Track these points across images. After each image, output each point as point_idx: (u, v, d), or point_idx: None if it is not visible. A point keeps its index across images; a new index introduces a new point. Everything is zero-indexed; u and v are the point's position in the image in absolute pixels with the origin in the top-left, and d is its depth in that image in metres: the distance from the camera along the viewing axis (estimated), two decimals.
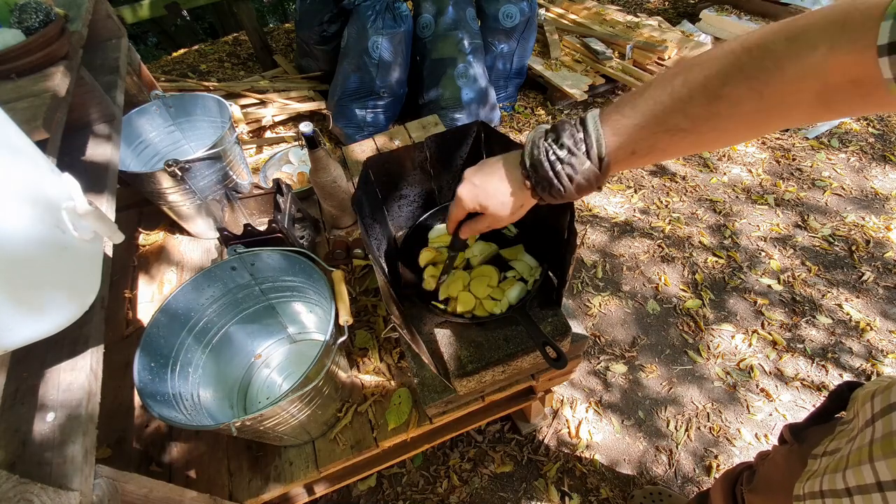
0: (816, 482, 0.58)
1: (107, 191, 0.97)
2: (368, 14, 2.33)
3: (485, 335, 0.96)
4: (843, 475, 0.54)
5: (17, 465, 0.63)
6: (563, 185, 0.59)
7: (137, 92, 1.57)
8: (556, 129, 0.59)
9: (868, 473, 0.51)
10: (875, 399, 0.56)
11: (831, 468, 0.57)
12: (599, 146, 0.56)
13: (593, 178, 0.58)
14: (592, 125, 0.56)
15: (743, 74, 0.46)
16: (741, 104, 0.47)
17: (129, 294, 1.41)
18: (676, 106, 0.50)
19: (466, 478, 1.47)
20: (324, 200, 1.41)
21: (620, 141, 0.55)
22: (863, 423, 0.56)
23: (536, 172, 0.60)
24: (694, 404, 1.58)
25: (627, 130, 0.54)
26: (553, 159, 0.58)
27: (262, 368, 1.22)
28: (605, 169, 0.57)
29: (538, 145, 0.60)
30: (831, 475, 0.56)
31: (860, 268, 1.90)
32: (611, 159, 0.56)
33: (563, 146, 0.57)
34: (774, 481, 0.78)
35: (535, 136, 0.61)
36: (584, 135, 0.56)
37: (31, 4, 0.91)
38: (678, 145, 0.53)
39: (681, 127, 0.51)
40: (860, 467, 0.52)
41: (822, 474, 0.58)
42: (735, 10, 3.24)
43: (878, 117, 2.55)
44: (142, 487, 0.74)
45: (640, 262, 2.00)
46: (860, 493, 0.51)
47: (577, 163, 0.57)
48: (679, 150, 0.54)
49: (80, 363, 0.74)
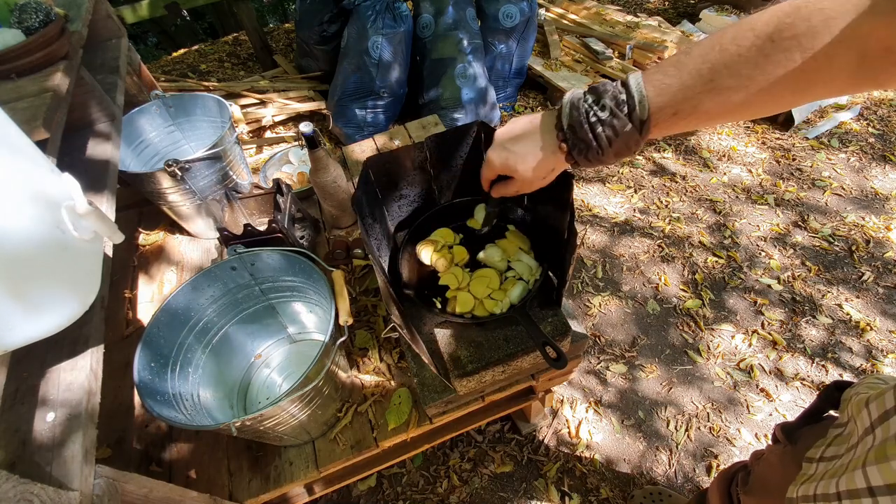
0: (811, 487, 0.58)
1: (107, 191, 0.97)
2: (368, 14, 2.33)
3: (485, 335, 0.96)
4: (836, 481, 0.54)
5: (17, 465, 0.63)
6: (601, 147, 0.57)
7: (137, 92, 1.57)
8: (595, 90, 0.57)
9: (860, 479, 0.51)
10: (870, 406, 0.56)
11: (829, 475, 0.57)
12: (643, 108, 0.54)
13: (633, 141, 0.56)
14: (635, 85, 0.54)
15: (792, 31, 0.45)
16: (789, 62, 0.46)
17: (129, 294, 1.41)
18: (724, 62, 0.49)
19: (466, 478, 1.47)
20: (324, 200, 1.41)
21: (664, 101, 0.53)
22: (862, 431, 0.56)
23: (574, 134, 0.58)
24: (694, 404, 1.58)
25: (671, 90, 0.52)
26: (594, 121, 0.56)
27: (262, 368, 1.22)
28: (645, 131, 0.55)
29: (577, 106, 0.58)
30: (827, 481, 0.56)
31: (860, 268, 1.90)
32: (653, 122, 0.55)
33: (605, 107, 0.56)
34: (769, 482, 0.78)
35: (573, 97, 0.59)
36: (626, 96, 0.55)
37: (31, 4, 0.91)
38: (723, 106, 0.51)
39: (727, 85, 0.49)
40: (853, 473, 0.52)
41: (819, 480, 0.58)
42: (735, 10, 3.24)
43: (879, 117, 2.55)
44: (142, 487, 0.74)
45: (640, 262, 2.00)
46: (850, 498, 0.51)
47: (619, 125, 0.55)
48: (723, 112, 0.52)
49: (80, 363, 0.74)
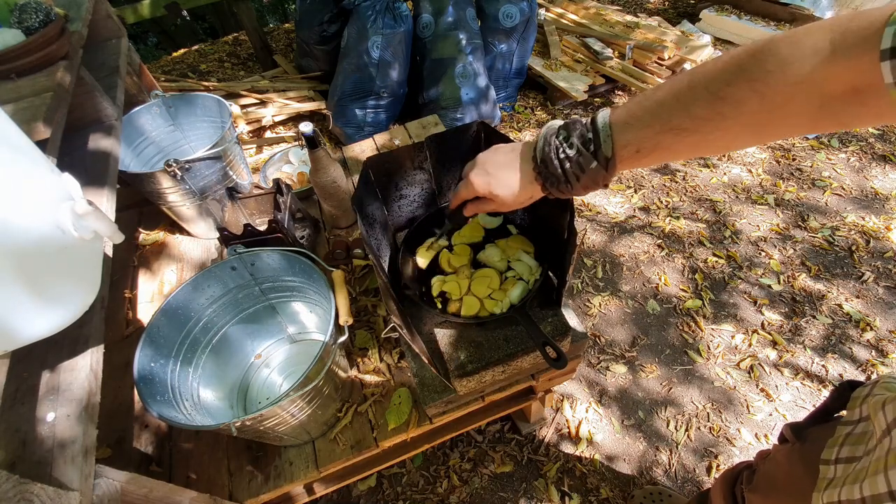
0: (835, 493, 0.58)
1: (107, 191, 0.97)
2: (368, 14, 2.33)
3: (485, 335, 0.96)
4: (860, 486, 0.54)
5: (17, 465, 0.63)
6: (570, 182, 0.61)
7: (137, 92, 1.57)
8: (567, 127, 0.61)
9: (882, 483, 0.51)
10: (886, 408, 0.55)
11: (851, 479, 0.57)
12: (606, 146, 0.57)
13: (600, 177, 0.60)
14: (601, 125, 0.58)
15: (745, 76, 0.47)
16: (743, 105, 0.48)
17: (129, 294, 1.41)
18: (680, 106, 0.52)
19: (466, 478, 1.47)
20: (324, 200, 1.41)
21: (626, 139, 0.57)
22: (880, 433, 0.56)
23: (546, 168, 0.62)
24: (694, 404, 1.58)
25: (633, 129, 0.56)
26: (562, 157, 0.60)
27: (262, 368, 1.22)
28: (611, 168, 0.59)
29: (549, 142, 0.62)
30: (850, 486, 0.56)
31: (860, 268, 1.89)
32: (617, 158, 0.58)
33: (573, 145, 0.60)
34: (776, 480, 0.78)
35: (548, 132, 0.63)
36: (592, 135, 0.58)
37: (31, 4, 0.91)
38: (681, 144, 0.54)
39: (684, 127, 0.52)
40: (875, 477, 0.52)
41: (841, 485, 0.58)
42: (735, 10, 3.24)
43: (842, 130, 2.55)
44: (142, 487, 0.74)
45: (640, 262, 2.00)
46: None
47: (585, 162, 0.59)
48: (682, 150, 0.56)
49: (80, 363, 0.74)
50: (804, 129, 0.50)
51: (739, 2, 3.28)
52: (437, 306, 0.98)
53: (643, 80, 2.66)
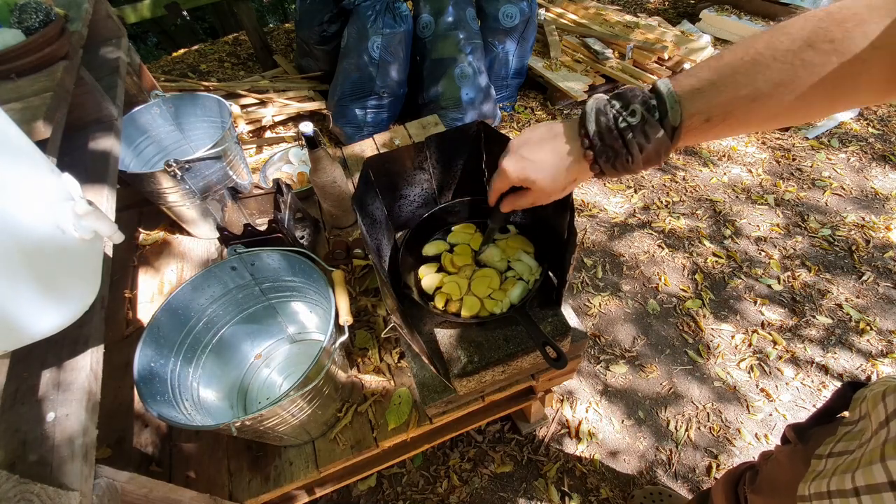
0: (823, 483, 0.58)
1: (107, 191, 0.97)
2: (368, 14, 2.33)
3: (485, 335, 0.96)
4: (851, 476, 0.53)
5: (17, 465, 0.63)
6: (632, 154, 0.55)
7: (137, 92, 1.57)
8: (622, 96, 0.56)
9: (879, 473, 0.50)
10: (887, 399, 0.55)
11: (840, 470, 0.56)
12: (675, 113, 0.52)
13: (664, 148, 0.54)
14: (666, 90, 0.53)
15: (828, 35, 0.45)
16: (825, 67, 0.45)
17: (129, 294, 1.41)
18: (758, 68, 0.48)
19: (466, 478, 1.47)
20: (324, 200, 1.41)
21: (696, 107, 0.52)
22: (876, 424, 0.55)
23: (602, 141, 0.56)
24: (694, 404, 1.58)
25: (704, 95, 0.51)
26: (623, 126, 0.54)
27: (262, 368, 1.22)
28: (677, 138, 0.54)
29: (605, 111, 0.56)
30: (840, 476, 0.55)
31: (860, 268, 1.89)
32: (684, 128, 0.53)
33: (636, 112, 0.54)
34: (778, 481, 0.77)
35: (598, 103, 0.57)
36: (657, 101, 0.53)
37: (31, 4, 0.91)
38: (755, 112, 0.50)
39: (761, 91, 0.48)
40: (871, 467, 0.51)
41: (831, 475, 0.57)
42: (735, 10, 3.24)
43: (878, 117, 2.55)
44: (142, 487, 0.74)
45: (640, 262, 2.00)
46: (869, 493, 0.51)
47: (651, 131, 0.53)
48: (755, 118, 0.51)
49: (80, 363, 0.74)
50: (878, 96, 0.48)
51: (739, 2, 3.28)
52: (436, 306, 0.98)
53: (643, 80, 2.66)
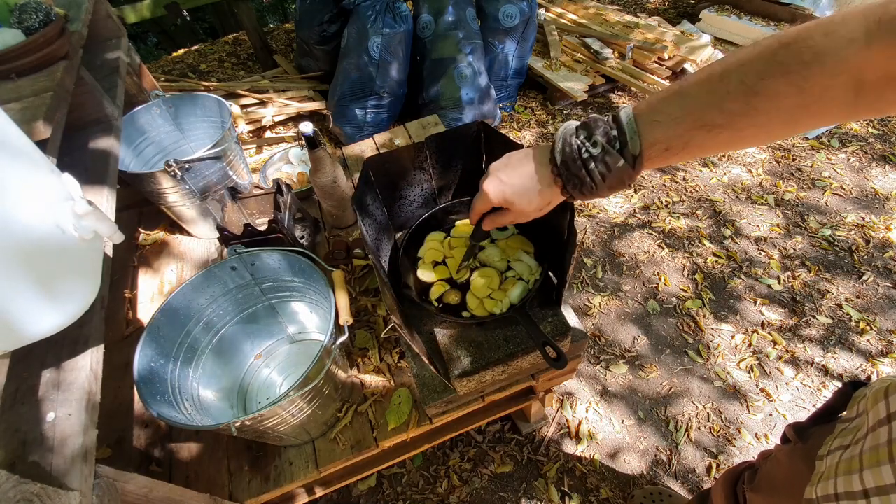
0: (830, 485, 0.57)
1: (107, 191, 0.97)
2: (368, 14, 2.33)
3: (485, 335, 0.96)
4: (859, 477, 0.53)
5: (17, 465, 0.63)
6: (595, 182, 0.58)
7: (137, 92, 1.57)
8: (587, 126, 0.58)
9: (888, 474, 0.50)
10: (890, 398, 0.55)
11: (843, 470, 0.56)
12: (634, 144, 0.54)
13: (626, 175, 0.57)
14: (626, 121, 0.55)
15: (782, 69, 0.45)
16: (780, 99, 0.46)
17: (129, 294, 1.41)
18: (713, 101, 0.49)
19: (466, 478, 1.47)
20: (324, 200, 1.41)
21: (655, 137, 0.54)
22: (874, 422, 0.55)
23: (568, 170, 0.59)
24: (694, 404, 1.58)
25: (662, 127, 0.53)
26: (586, 157, 0.57)
27: (262, 368, 1.22)
28: (638, 166, 0.56)
29: (570, 142, 0.58)
30: (846, 477, 0.55)
31: (860, 268, 1.89)
32: (645, 156, 0.55)
33: (597, 143, 0.56)
34: (777, 480, 0.77)
35: (566, 132, 0.59)
36: (617, 132, 0.55)
37: (31, 4, 0.91)
38: (713, 141, 0.52)
39: (717, 123, 0.50)
40: (878, 468, 0.51)
41: (835, 476, 0.57)
42: (735, 10, 3.24)
43: (879, 117, 2.55)
44: (142, 487, 0.74)
45: (640, 262, 2.00)
46: (878, 495, 0.50)
47: (611, 161, 0.56)
48: (713, 146, 0.53)
49: (80, 363, 0.74)
50: (839, 119, 0.48)
51: (739, 2, 3.28)
52: (436, 306, 0.98)
53: (643, 79, 2.66)
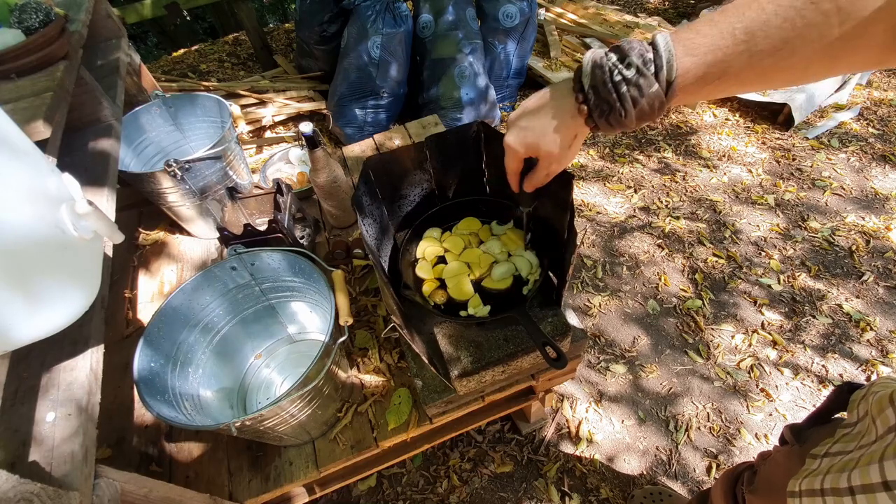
0: (816, 480, 0.58)
1: (107, 190, 0.97)
2: (368, 14, 2.33)
3: (485, 335, 0.96)
4: (848, 475, 0.54)
5: (17, 465, 0.63)
6: (625, 108, 0.54)
7: (137, 92, 1.57)
8: (619, 48, 0.55)
9: (875, 473, 0.50)
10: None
11: (836, 469, 0.56)
12: (670, 67, 0.51)
13: (658, 103, 0.54)
14: (663, 44, 0.52)
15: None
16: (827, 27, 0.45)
17: (129, 294, 1.41)
18: (760, 22, 0.47)
19: (466, 478, 1.47)
20: (324, 200, 1.41)
21: (692, 61, 0.51)
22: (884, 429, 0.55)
23: (597, 94, 0.56)
24: (694, 404, 1.58)
25: (701, 50, 0.50)
26: (618, 79, 0.54)
27: (262, 368, 1.22)
28: (671, 94, 0.53)
29: (601, 65, 0.55)
30: (835, 475, 0.55)
31: (860, 268, 1.89)
32: (678, 83, 0.52)
33: (631, 65, 0.53)
34: (775, 481, 0.78)
35: (595, 56, 0.56)
36: (653, 54, 0.52)
37: (31, 4, 0.91)
38: (752, 71, 0.49)
39: (760, 48, 0.47)
40: (867, 467, 0.51)
41: (825, 474, 0.57)
42: None
43: (878, 117, 2.55)
44: (142, 487, 0.74)
45: (640, 262, 2.00)
46: (864, 493, 0.51)
47: (645, 84, 0.53)
48: (751, 77, 0.51)
49: (80, 363, 0.74)
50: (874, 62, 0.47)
51: None
52: (433, 306, 0.98)
53: None
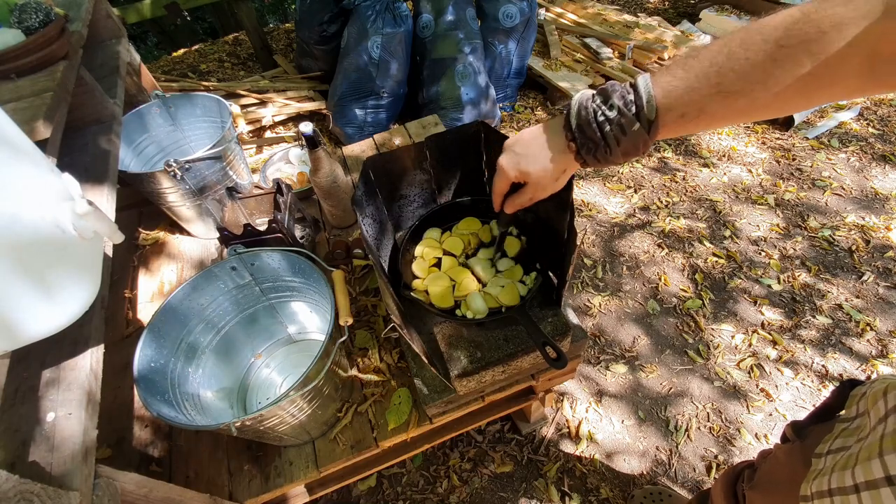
0: (824, 481, 0.58)
1: (107, 191, 0.97)
2: (368, 14, 2.33)
3: (485, 335, 0.96)
4: (851, 472, 0.54)
5: (17, 465, 0.63)
6: (609, 146, 0.58)
7: (137, 92, 1.57)
8: (604, 91, 0.58)
9: (877, 468, 0.50)
10: (888, 395, 0.55)
11: (840, 466, 0.57)
12: (650, 107, 0.55)
13: (641, 141, 0.57)
14: (643, 86, 0.55)
15: (801, 36, 0.46)
16: (797, 67, 0.46)
17: (129, 294, 1.41)
18: (731, 67, 0.49)
19: (466, 478, 1.47)
20: (324, 200, 1.41)
21: (671, 103, 0.54)
22: (875, 420, 0.55)
23: (583, 133, 0.59)
24: (694, 404, 1.58)
25: (678, 92, 0.53)
26: (602, 120, 0.57)
27: (262, 368, 1.22)
28: (653, 132, 0.56)
29: (586, 106, 0.59)
30: (840, 473, 0.56)
31: (860, 268, 1.89)
32: (660, 122, 0.55)
33: (613, 106, 0.57)
34: (776, 478, 0.78)
35: (582, 98, 0.60)
36: (634, 96, 0.56)
37: (31, 4, 0.91)
38: (729, 109, 0.52)
39: (734, 89, 0.50)
40: (869, 462, 0.52)
41: (831, 473, 0.58)
42: (735, 10, 3.24)
43: (878, 117, 2.55)
44: (142, 487, 0.74)
45: (640, 262, 2.00)
46: (868, 489, 0.51)
47: (627, 124, 0.56)
48: (729, 114, 0.53)
49: (80, 363, 0.74)
50: (853, 93, 0.48)
51: (739, 2, 3.28)
52: (432, 306, 0.98)
53: None
